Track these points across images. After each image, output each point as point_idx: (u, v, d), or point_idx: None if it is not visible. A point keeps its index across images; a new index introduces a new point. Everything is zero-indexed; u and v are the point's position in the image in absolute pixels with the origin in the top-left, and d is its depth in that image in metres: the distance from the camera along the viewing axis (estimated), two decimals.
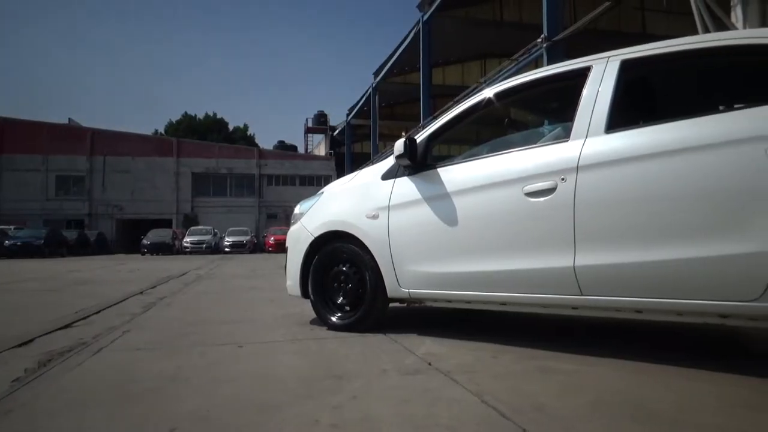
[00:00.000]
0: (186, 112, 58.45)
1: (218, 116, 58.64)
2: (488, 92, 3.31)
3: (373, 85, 26.67)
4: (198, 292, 6.81)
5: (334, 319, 3.59)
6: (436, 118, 4.01)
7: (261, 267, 13.12)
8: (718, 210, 2.29)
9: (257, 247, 32.60)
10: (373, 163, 3.98)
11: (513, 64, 11.87)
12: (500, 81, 4.02)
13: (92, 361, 2.83)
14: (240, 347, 3.12)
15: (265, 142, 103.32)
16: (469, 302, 3.18)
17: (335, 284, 3.63)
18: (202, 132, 53.16)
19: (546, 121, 3.92)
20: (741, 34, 3.73)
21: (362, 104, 30.14)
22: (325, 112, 48.29)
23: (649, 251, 2.43)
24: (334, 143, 44.10)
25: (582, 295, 2.65)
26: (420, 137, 3.36)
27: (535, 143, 3.07)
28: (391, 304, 3.56)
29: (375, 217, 3.42)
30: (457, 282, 3.10)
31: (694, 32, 6.97)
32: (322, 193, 3.99)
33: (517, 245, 2.86)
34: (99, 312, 4.71)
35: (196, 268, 12.44)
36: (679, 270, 2.36)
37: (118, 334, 3.60)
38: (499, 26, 19.86)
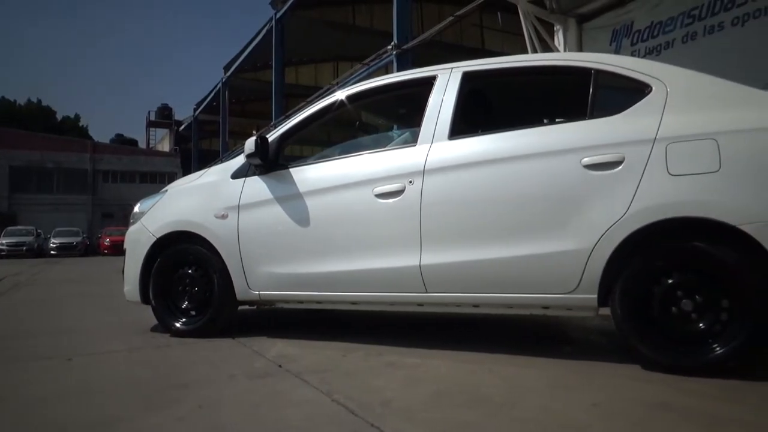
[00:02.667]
0: (3, 97, 51.32)
1: (44, 104, 52.35)
2: (341, 94, 3.36)
3: (223, 80, 25.65)
4: (17, 300, 6.02)
5: (178, 324, 3.40)
6: (288, 117, 3.98)
7: (95, 271, 11.98)
8: (542, 213, 2.57)
9: (90, 249, 29.62)
10: (222, 161, 3.84)
11: (364, 69, 12.16)
12: (352, 84, 4.10)
13: None
14: (69, 360, 2.82)
15: (101, 134, 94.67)
16: (320, 302, 3.20)
17: (180, 288, 3.43)
18: (24, 120, 46.99)
19: (395, 126, 4.08)
20: (562, 57, 4.20)
21: (211, 99, 28.82)
22: (170, 105, 45.42)
23: (484, 250, 2.65)
24: (179, 139, 41.58)
25: (427, 292, 2.80)
26: (272, 136, 3.31)
27: (385, 146, 3.18)
28: (240, 307, 3.46)
29: (224, 216, 3.30)
30: (309, 283, 3.10)
31: (525, 51, 7.71)
32: (166, 191, 3.76)
33: (368, 245, 2.94)
34: None
35: (14, 274, 10.98)
36: (509, 267, 2.61)
37: None
38: (351, 30, 20.21)
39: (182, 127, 39.15)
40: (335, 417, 1.88)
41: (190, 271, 3.41)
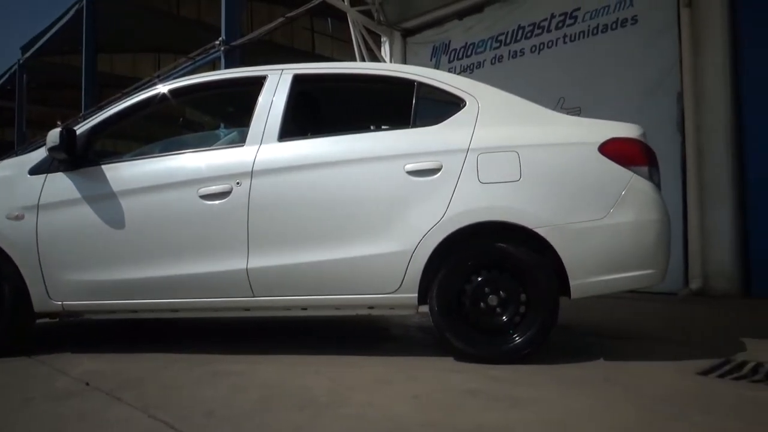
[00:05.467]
0: None
1: None
2: (163, 88, 3.15)
3: (21, 61, 22.52)
4: None
5: None
6: (102, 109, 3.62)
7: None
8: (368, 216, 2.67)
9: None
10: (17, 155, 3.37)
11: (189, 63, 11.54)
12: (176, 78, 3.87)
13: None
14: None
15: None
16: (136, 311, 2.96)
17: None
18: None
19: (222, 125, 3.94)
20: (389, 67, 4.42)
21: (5, 82, 25.13)
22: None
23: (312, 253, 2.67)
24: None
25: (254, 296, 2.74)
26: (81, 129, 2.99)
27: (211, 146, 3.06)
28: (39, 321, 3.07)
29: (19, 217, 2.89)
30: (123, 290, 2.85)
31: (354, 59, 7.94)
32: None
33: (191, 249, 2.79)
34: None
35: None
36: (336, 269, 2.67)
37: None
38: (175, 20, 19.05)
39: None
40: None
41: None
